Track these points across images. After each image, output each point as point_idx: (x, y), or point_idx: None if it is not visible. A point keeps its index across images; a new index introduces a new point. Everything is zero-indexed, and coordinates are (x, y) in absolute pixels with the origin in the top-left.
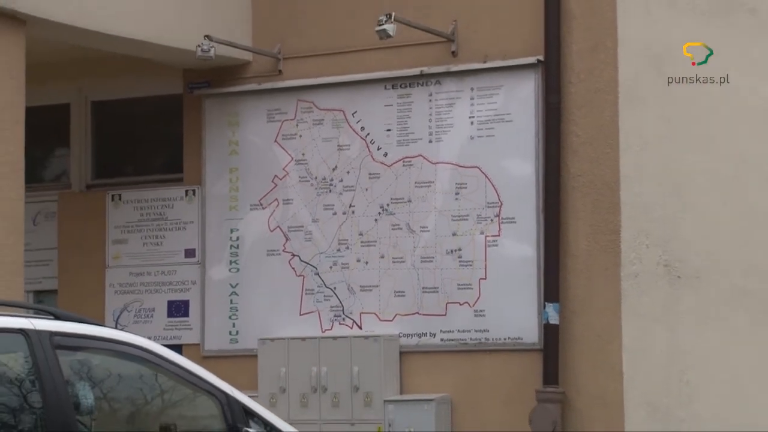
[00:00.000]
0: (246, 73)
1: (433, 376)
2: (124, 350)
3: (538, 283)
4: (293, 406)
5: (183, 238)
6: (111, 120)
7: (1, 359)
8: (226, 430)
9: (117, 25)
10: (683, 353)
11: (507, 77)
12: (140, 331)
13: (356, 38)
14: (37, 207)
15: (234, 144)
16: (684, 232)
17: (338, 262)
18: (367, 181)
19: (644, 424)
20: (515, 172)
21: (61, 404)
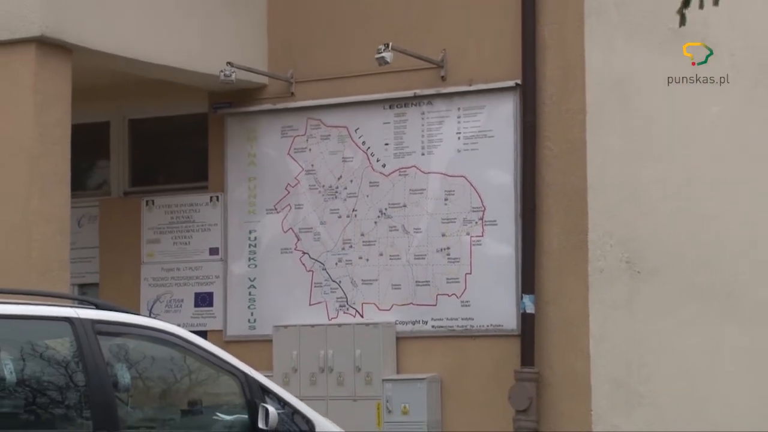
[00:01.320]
0: (263, 95)
1: (425, 358)
2: (156, 336)
3: (516, 277)
4: (303, 384)
5: (208, 238)
6: (145, 136)
7: (50, 344)
8: (245, 405)
9: (151, 53)
10: (642, 338)
11: (489, 99)
12: (171, 319)
13: (358, 64)
14: (81, 211)
15: (252, 156)
16: (642, 233)
17: (343, 259)
18: (368, 188)
19: (608, 398)
20: (496, 181)
21: (102, 383)
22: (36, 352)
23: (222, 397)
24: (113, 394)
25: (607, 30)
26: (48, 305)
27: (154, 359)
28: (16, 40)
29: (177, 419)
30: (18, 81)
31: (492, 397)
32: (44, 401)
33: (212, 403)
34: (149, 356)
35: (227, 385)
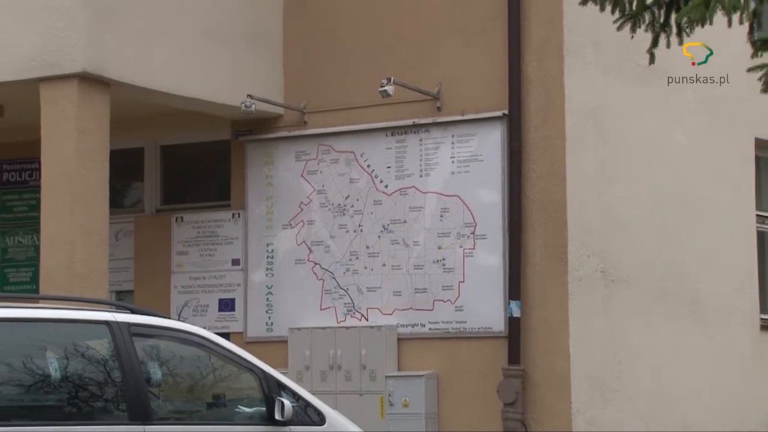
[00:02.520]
0: (279, 123)
1: (423, 357)
2: (184, 337)
3: (504, 285)
4: (315, 380)
5: (230, 251)
6: (175, 160)
7: (90, 344)
8: (264, 398)
9: (180, 87)
10: (616, 339)
11: (480, 127)
12: (197, 323)
13: (363, 97)
14: (118, 226)
15: (270, 178)
16: (616, 246)
17: (350, 269)
18: (372, 206)
19: (586, 393)
20: (486, 200)
21: (136, 379)
22: (78, 352)
23: (243, 391)
24: (146, 389)
25: (584, 67)
26: (89, 310)
27: (183, 358)
28: (61, 76)
29: (203, 411)
30: (62, 112)
31: (482, 392)
32: (85, 395)
33: (234, 397)
34: (178, 355)
35: (247, 381)
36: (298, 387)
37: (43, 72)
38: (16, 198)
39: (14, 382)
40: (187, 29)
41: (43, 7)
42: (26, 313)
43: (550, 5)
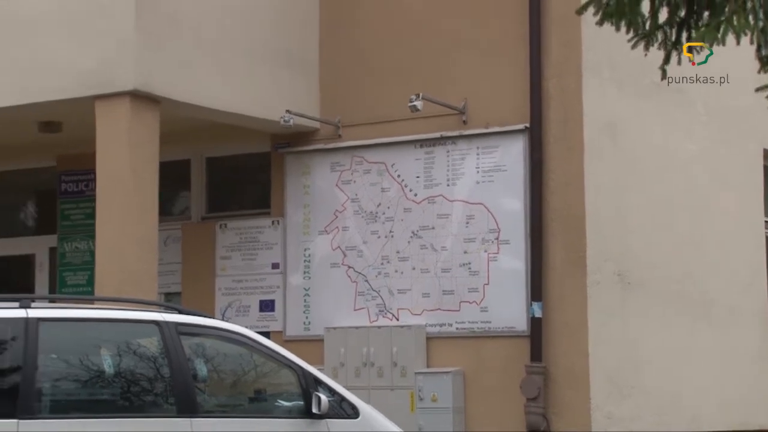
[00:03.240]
0: (315, 136)
1: (450, 354)
2: (228, 336)
3: (526, 287)
4: (349, 376)
5: (270, 255)
6: (219, 170)
7: (141, 342)
8: (302, 393)
9: (225, 103)
10: (632, 339)
11: (503, 139)
12: (239, 322)
13: (394, 111)
14: (167, 233)
15: (306, 187)
16: (632, 251)
17: (382, 272)
18: (402, 213)
19: (604, 390)
20: (509, 207)
21: (184, 374)
22: (130, 349)
23: (282, 386)
24: (193, 384)
25: (600, 82)
26: (140, 311)
27: (227, 355)
28: (114, 94)
29: (245, 405)
30: (116, 127)
31: (506, 388)
32: (137, 389)
33: (274, 392)
34: (222, 353)
35: (286, 377)
36: (334, 382)
37: (98, 90)
38: (73, 207)
39: (72, 377)
40: (229, 50)
41: (97, 31)
42: (83, 313)
43: (569, 25)
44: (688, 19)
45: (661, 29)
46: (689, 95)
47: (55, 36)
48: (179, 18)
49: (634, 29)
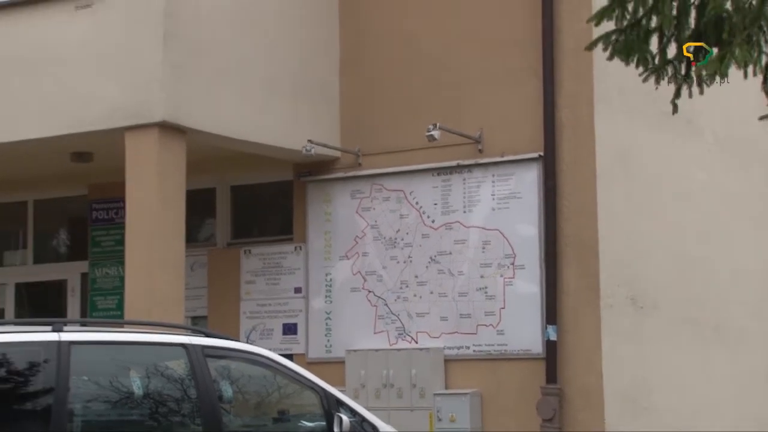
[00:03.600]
0: (336, 165)
1: (468, 376)
2: (252, 358)
3: (541, 311)
4: (370, 397)
5: (293, 280)
6: (244, 198)
7: (169, 364)
8: (324, 414)
9: (249, 133)
10: (644, 361)
11: (518, 167)
12: (263, 345)
13: (412, 140)
14: (193, 258)
15: (328, 214)
16: (644, 275)
17: (401, 296)
18: (420, 239)
19: (618, 410)
20: (524, 233)
21: (210, 395)
22: (158, 371)
23: (305, 407)
24: (219, 405)
25: (612, 112)
26: (167, 334)
27: (251, 377)
28: (143, 125)
29: (269, 425)
30: (144, 157)
31: (522, 409)
32: (164, 410)
33: (297, 413)
34: (247, 374)
35: (309, 398)
36: (355, 403)
37: (128, 122)
38: (104, 234)
39: (102, 398)
40: (254, 82)
41: (127, 65)
42: (113, 336)
43: (581, 58)
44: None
45: (670, 63)
46: (698, 125)
47: (86, 70)
48: (205, 52)
49: (644, 64)
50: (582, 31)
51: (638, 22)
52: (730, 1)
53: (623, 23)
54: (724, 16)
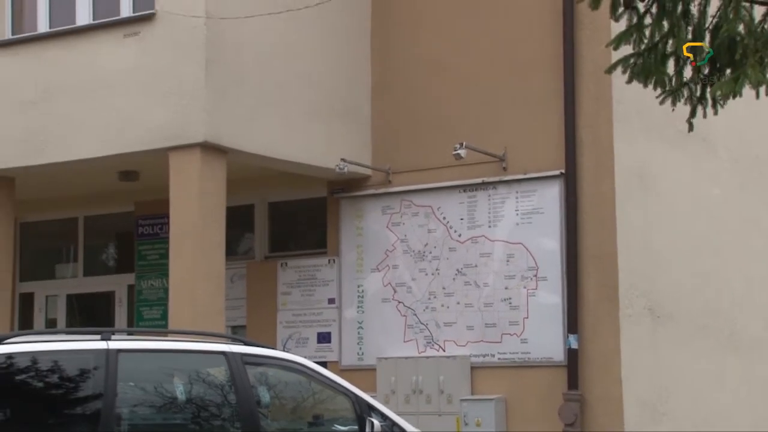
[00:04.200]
0: (368, 183)
1: (493, 383)
2: (288, 365)
3: (563, 321)
4: (400, 402)
5: (327, 291)
6: (280, 214)
7: (210, 371)
8: (356, 419)
9: (285, 152)
10: (662, 368)
11: (540, 184)
12: (299, 353)
13: (440, 159)
14: (233, 271)
15: (360, 229)
16: (660, 287)
17: (429, 306)
18: (448, 252)
19: (637, 416)
20: (546, 247)
21: (249, 400)
22: (199, 378)
23: (338, 412)
24: (257, 410)
25: (630, 131)
26: (208, 342)
27: (287, 383)
28: (186, 145)
29: (304, 429)
30: (187, 176)
31: (545, 414)
32: (206, 414)
33: (331, 417)
34: (283, 381)
35: (342, 403)
36: (386, 408)
37: (171, 142)
38: (149, 248)
39: (148, 403)
40: (290, 104)
41: (170, 89)
42: (157, 345)
43: (600, 81)
44: (711, 75)
45: (686, 86)
46: (713, 143)
47: (133, 94)
48: (245, 76)
49: (661, 86)
50: (601, 56)
51: (655, 46)
52: (743, 24)
53: (641, 47)
54: (737, 39)
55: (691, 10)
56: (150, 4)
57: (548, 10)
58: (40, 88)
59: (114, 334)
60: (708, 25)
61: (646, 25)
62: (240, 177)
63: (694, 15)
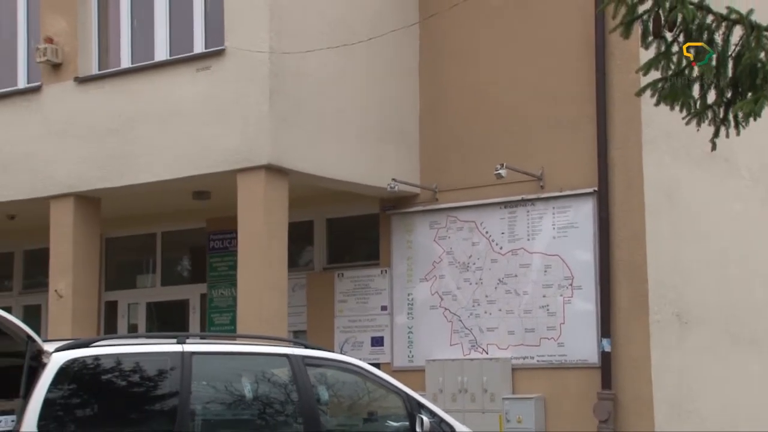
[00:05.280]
0: (416, 200)
1: (532, 383)
2: (345, 367)
3: (597, 326)
4: (447, 401)
5: (379, 299)
6: (337, 229)
7: (275, 372)
8: (407, 415)
9: (341, 173)
10: (689, 370)
11: (575, 201)
12: (355, 355)
13: (482, 178)
14: (294, 281)
15: (409, 242)
16: (687, 295)
17: (473, 313)
18: (490, 264)
19: (666, 414)
20: (581, 258)
21: (309, 398)
22: (265, 378)
23: (391, 409)
24: (317, 407)
25: (658, 152)
26: (273, 346)
27: (344, 383)
28: (252, 168)
29: (360, 425)
30: (253, 195)
31: (581, 411)
32: (271, 411)
33: (384, 414)
34: (341, 381)
35: (394, 401)
36: (434, 406)
37: (239, 165)
38: (219, 260)
39: (219, 401)
40: (347, 130)
41: (238, 117)
42: (227, 348)
43: (630, 105)
44: (734, 98)
45: (710, 108)
46: (735, 163)
47: (204, 122)
48: (305, 104)
49: (687, 109)
50: (630, 83)
51: (681, 72)
52: (764, 52)
53: (668, 72)
54: (758, 66)
55: (716, 39)
56: (220, 41)
57: (582, 43)
58: (123, 118)
59: (188, 338)
60: (731, 53)
61: (674, 53)
62: (300, 196)
63: (718, 43)
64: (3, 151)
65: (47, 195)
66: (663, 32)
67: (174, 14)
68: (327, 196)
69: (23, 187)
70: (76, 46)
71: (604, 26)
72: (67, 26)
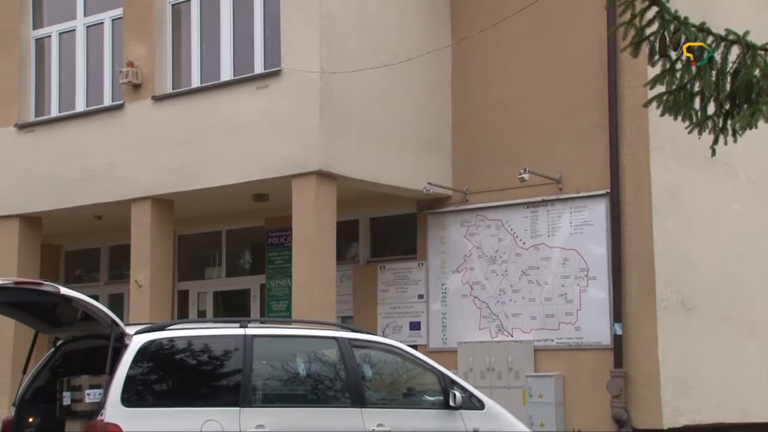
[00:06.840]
0: (449, 201)
1: (552, 362)
2: (387, 348)
3: (610, 312)
4: (476, 378)
5: (417, 289)
6: (379, 227)
7: (325, 352)
8: (441, 391)
9: (383, 177)
10: (692, 350)
11: (590, 201)
12: (395, 338)
13: (508, 181)
14: (342, 273)
15: (443, 239)
16: (691, 284)
17: (499, 301)
18: (514, 257)
19: (671, 389)
20: (596, 252)
21: (355, 376)
22: (317, 358)
23: (427, 386)
24: (362, 383)
25: (664, 158)
26: (323, 329)
27: (386, 362)
28: (305, 173)
29: (400, 399)
30: (305, 197)
31: (595, 388)
32: (322, 387)
33: (421, 390)
34: (383, 360)
35: (430, 379)
36: (465, 383)
37: (293, 171)
38: (276, 255)
39: (276, 377)
40: (386, 139)
41: (293, 129)
42: (284, 331)
43: (638, 115)
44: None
45: (710, 119)
46: (734, 167)
47: (263, 133)
48: (350, 116)
49: (689, 120)
50: (639, 96)
51: (684, 86)
52: (759, 69)
53: (672, 87)
54: (753, 81)
55: (715, 57)
56: (277, 63)
57: (595, 62)
58: (193, 130)
59: (250, 322)
60: (729, 70)
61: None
62: (347, 198)
63: (717, 61)
64: (91, 160)
65: (128, 198)
66: (668, 51)
67: (237, 39)
68: (370, 198)
69: (108, 191)
70: (153, 69)
71: (615, 47)
72: (146, 52)
